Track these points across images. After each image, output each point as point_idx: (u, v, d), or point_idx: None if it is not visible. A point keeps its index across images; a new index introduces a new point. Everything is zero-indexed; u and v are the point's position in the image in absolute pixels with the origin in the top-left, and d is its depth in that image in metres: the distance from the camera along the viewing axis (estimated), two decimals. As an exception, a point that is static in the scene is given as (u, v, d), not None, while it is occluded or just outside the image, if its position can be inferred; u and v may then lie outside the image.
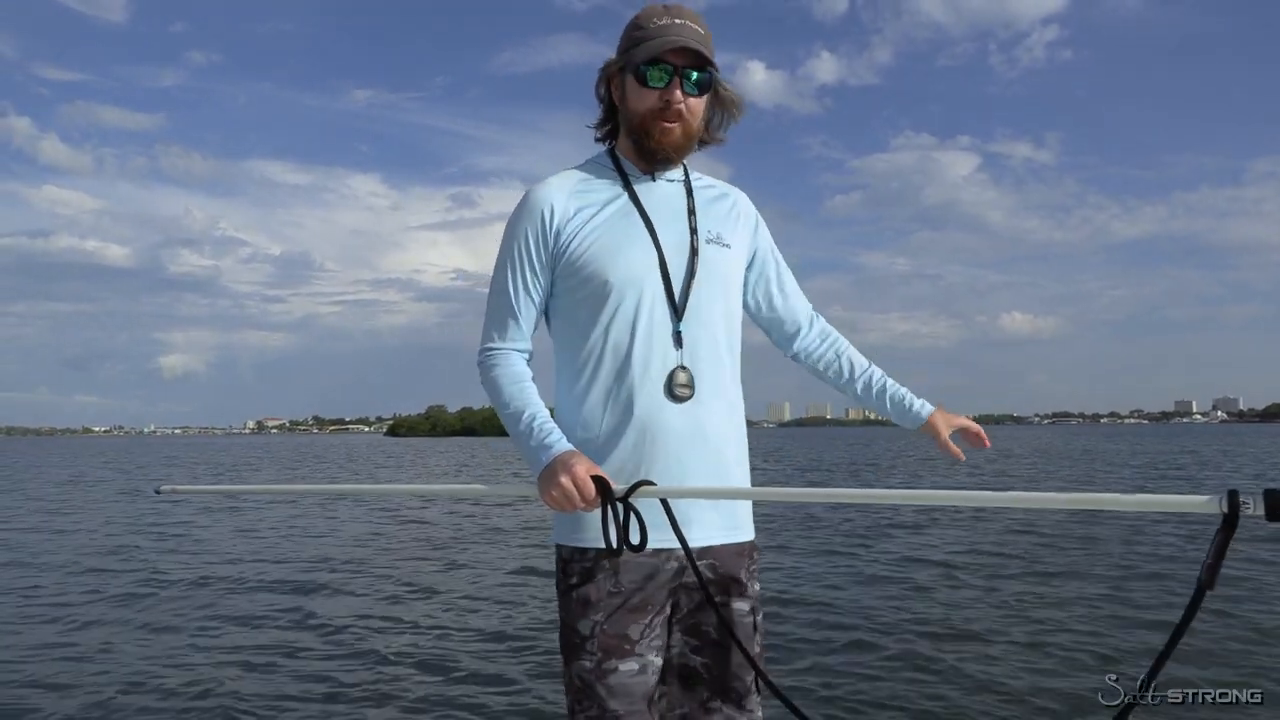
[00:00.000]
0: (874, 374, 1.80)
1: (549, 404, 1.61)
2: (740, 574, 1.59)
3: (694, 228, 1.60)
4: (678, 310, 1.55)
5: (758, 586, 1.64)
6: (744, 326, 1.75)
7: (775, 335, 1.84)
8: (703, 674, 1.56)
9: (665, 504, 1.46)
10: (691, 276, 1.56)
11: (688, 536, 1.49)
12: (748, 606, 1.60)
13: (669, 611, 1.57)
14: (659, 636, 1.55)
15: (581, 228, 1.55)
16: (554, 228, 1.56)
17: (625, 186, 1.60)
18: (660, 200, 1.61)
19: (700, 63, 1.53)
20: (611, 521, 1.41)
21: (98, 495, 17.20)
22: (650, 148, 1.57)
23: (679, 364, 1.53)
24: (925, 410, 1.74)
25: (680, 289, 1.55)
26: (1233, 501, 1.01)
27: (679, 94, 1.52)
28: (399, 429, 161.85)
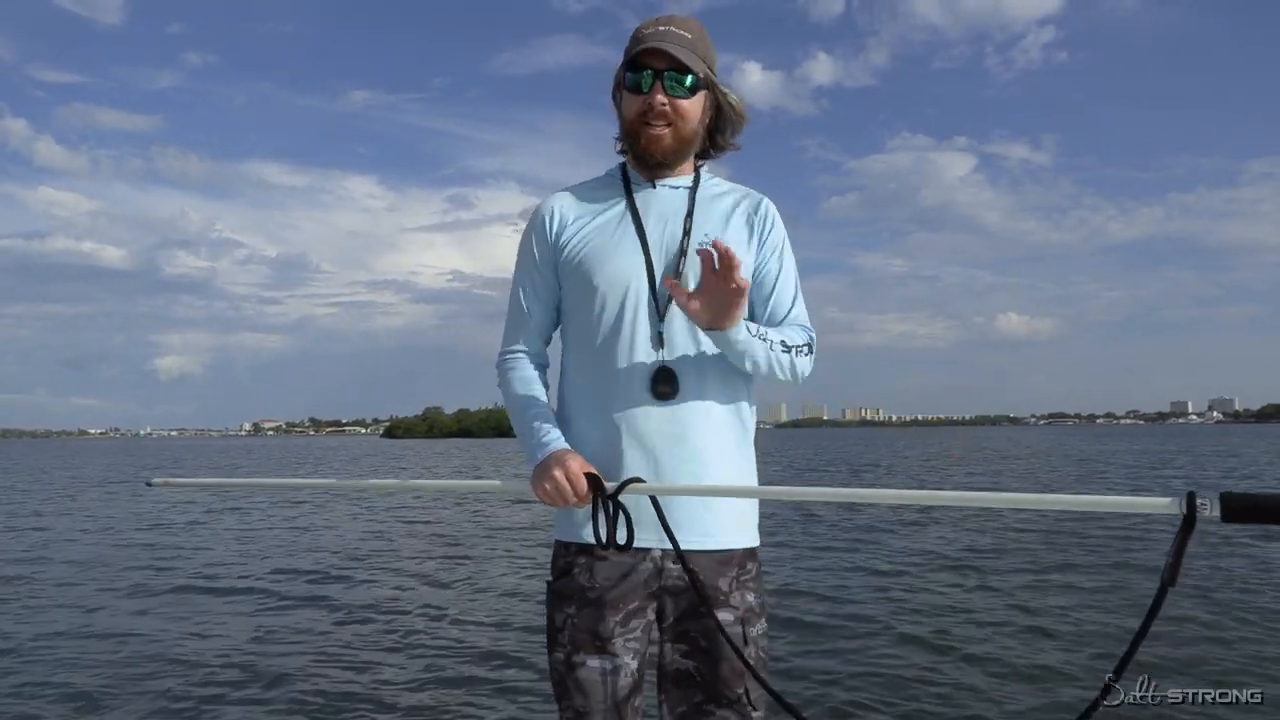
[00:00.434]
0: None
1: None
2: (720, 583, 1.55)
3: (687, 230, 1.59)
4: (660, 311, 1.55)
5: (751, 598, 1.58)
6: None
7: None
8: (696, 677, 1.54)
9: (655, 502, 1.47)
10: (676, 278, 1.55)
11: (663, 539, 1.50)
12: (732, 617, 1.54)
13: (653, 616, 1.57)
14: (637, 639, 1.54)
15: (576, 234, 1.62)
16: (554, 235, 1.63)
17: (626, 194, 1.64)
18: (659, 206, 1.62)
19: (683, 65, 1.53)
20: (605, 518, 1.44)
21: (98, 495, 17.16)
22: (640, 152, 1.59)
23: (661, 364, 1.54)
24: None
25: (664, 291, 1.55)
26: (1191, 503, 1.07)
27: (660, 97, 1.54)
28: (395, 430, 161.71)
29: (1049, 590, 6.44)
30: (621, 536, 1.45)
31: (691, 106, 1.58)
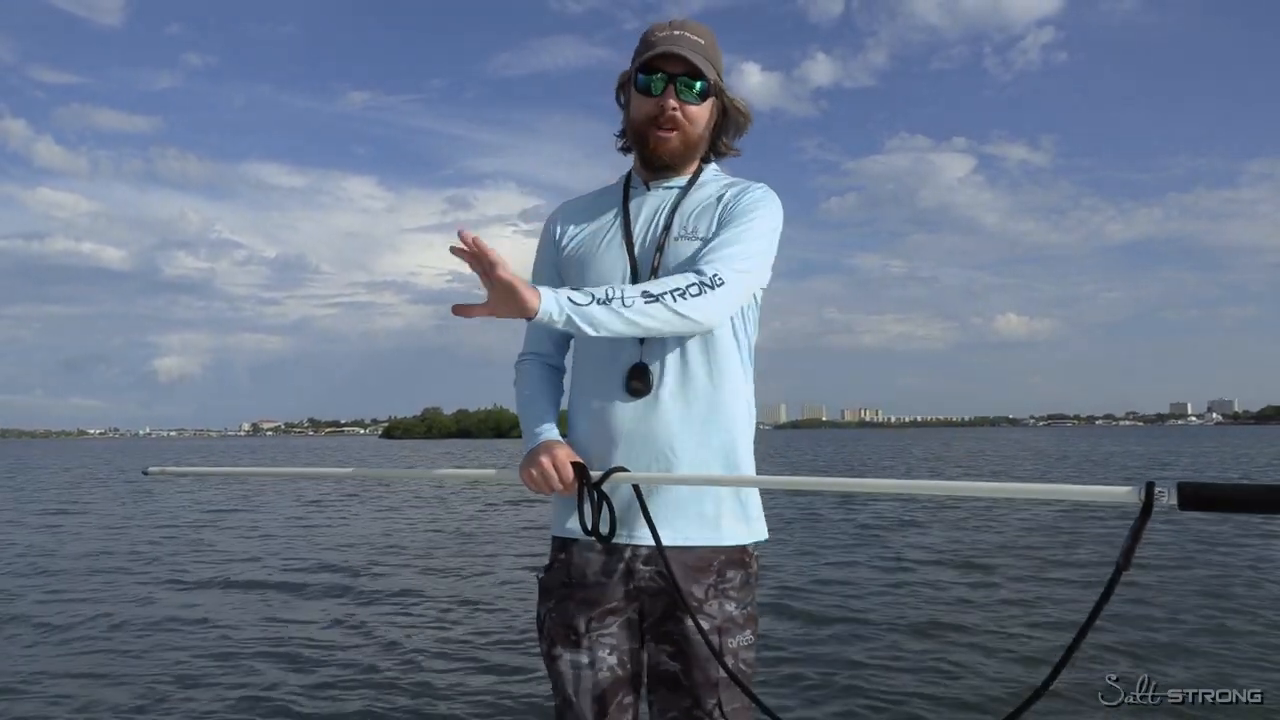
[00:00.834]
0: None
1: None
2: (694, 589, 1.51)
3: (668, 225, 1.60)
4: None
5: (731, 608, 1.53)
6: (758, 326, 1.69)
7: None
8: (682, 680, 1.52)
9: (638, 492, 1.49)
10: (654, 273, 1.56)
11: (633, 537, 1.52)
12: (707, 625, 1.50)
13: (635, 615, 1.56)
14: (614, 636, 1.54)
15: (574, 240, 1.68)
16: (558, 242, 1.70)
17: (623, 198, 1.67)
18: (650, 207, 1.64)
19: (697, 71, 1.55)
20: (591, 507, 1.47)
21: (100, 494, 17.16)
22: (647, 155, 1.61)
23: (639, 359, 1.54)
24: None
25: None
26: (1149, 492, 1.12)
27: (673, 101, 1.56)
28: (394, 431, 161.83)
29: (1048, 586, 6.44)
30: (604, 526, 1.47)
31: (701, 112, 1.60)
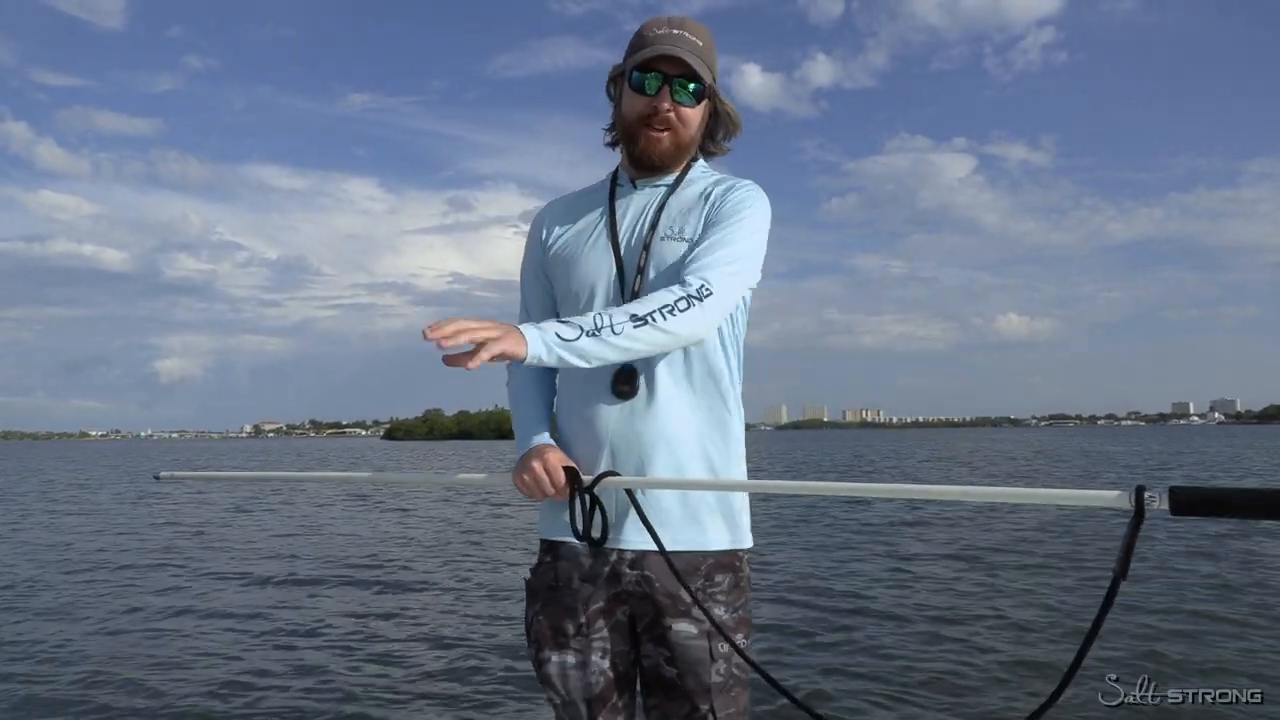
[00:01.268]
0: None
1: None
2: (681, 592, 1.48)
3: (654, 224, 1.58)
4: None
5: (720, 611, 1.50)
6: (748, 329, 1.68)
7: None
8: (679, 685, 1.50)
9: (632, 497, 1.48)
10: (639, 273, 1.54)
11: (618, 540, 1.50)
12: (695, 630, 1.48)
13: (624, 618, 1.54)
14: (605, 639, 1.53)
15: (559, 240, 1.66)
16: (545, 242, 1.68)
17: (609, 197, 1.65)
18: (636, 206, 1.62)
19: (693, 73, 1.52)
20: (582, 511, 1.46)
21: (104, 496, 17.17)
22: (636, 154, 1.59)
23: (625, 362, 1.49)
24: None
25: (629, 288, 1.55)
26: (1139, 497, 1.08)
27: (668, 102, 1.53)
28: (396, 432, 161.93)
29: (1049, 587, 6.43)
30: (596, 531, 1.46)
31: (694, 115, 1.57)
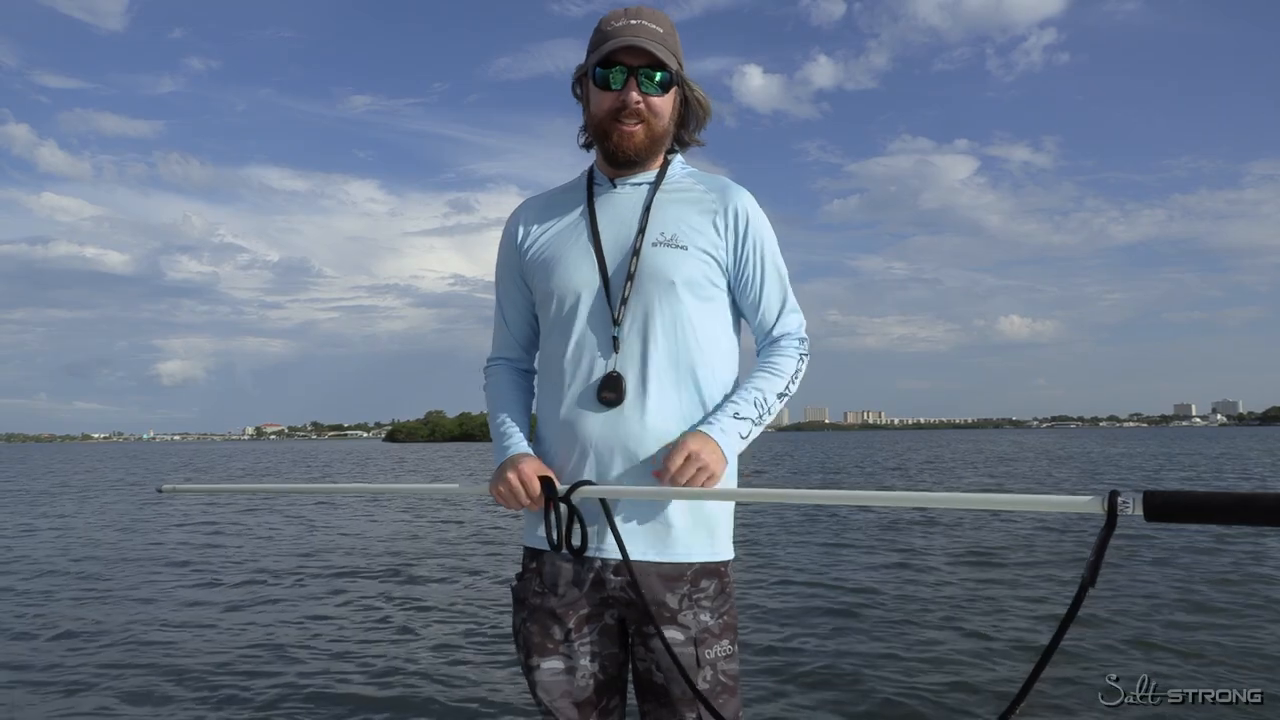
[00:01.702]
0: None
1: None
2: (668, 599, 1.48)
3: (642, 228, 1.53)
4: (615, 316, 1.52)
5: (707, 618, 1.49)
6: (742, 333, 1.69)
7: None
8: (670, 691, 1.50)
9: (605, 505, 1.46)
10: (629, 279, 1.51)
11: (603, 548, 1.49)
12: (683, 637, 1.47)
13: (613, 622, 1.54)
14: (594, 643, 1.52)
15: (537, 242, 1.62)
16: (520, 245, 1.65)
17: (587, 197, 1.61)
18: (617, 206, 1.58)
19: (658, 62, 1.49)
20: (556, 520, 1.46)
21: (111, 499, 17.18)
22: (611, 150, 1.54)
23: (612, 369, 1.49)
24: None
25: (618, 293, 1.52)
26: (1112, 502, 1.05)
27: (635, 95, 1.49)
28: (397, 434, 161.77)
29: (1049, 589, 6.44)
30: (576, 539, 1.45)
31: (664, 104, 1.54)
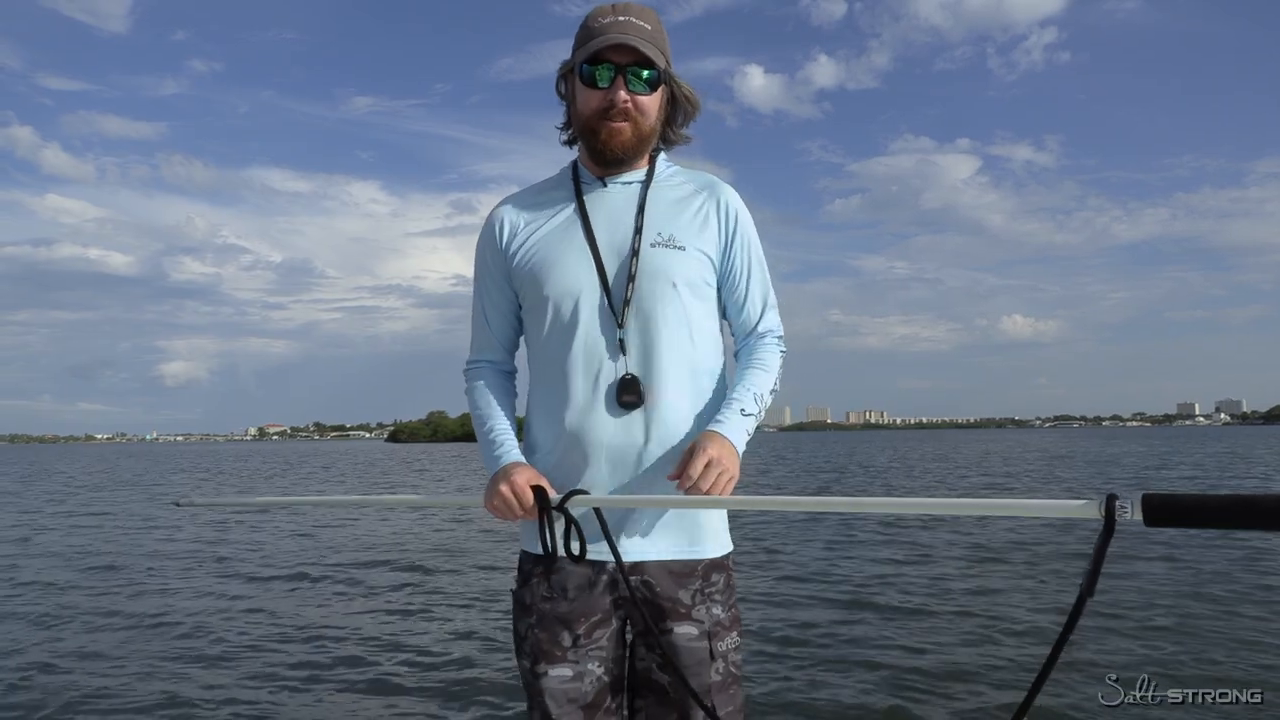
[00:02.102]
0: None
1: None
2: (681, 594, 1.49)
3: (639, 228, 1.52)
4: (619, 318, 1.49)
5: (718, 611, 1.51)
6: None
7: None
8: (671, 693, 1.50)
9: (599, 514, 1.45)
10: (630, 281, 1.49)
11: (619, 550, 1.47)
12: (696, 631, 1.48)
13: (619, 625, 1.53)
14: (602, 648, 1.50)
15: (524, 243, 1.56)
16: (504, 244, 1.58)
17: (575, 196, 1.57)
18: (609, 205, 1.55)
19: (646, 60, 1.46)
20: (547, 529, 1.44)
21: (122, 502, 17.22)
22: (598, 149, 1.51)
23: (625, 372, 1.47)
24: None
25: (620, 295, 1.50)
26: (1109, 506, 0.97)
27: (623, 93, 1.47)
28: (400, 435, 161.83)
29: (1052, 590, 6.44)
30: (569, 548, 1.44)
31: (652, 102, 1.51)
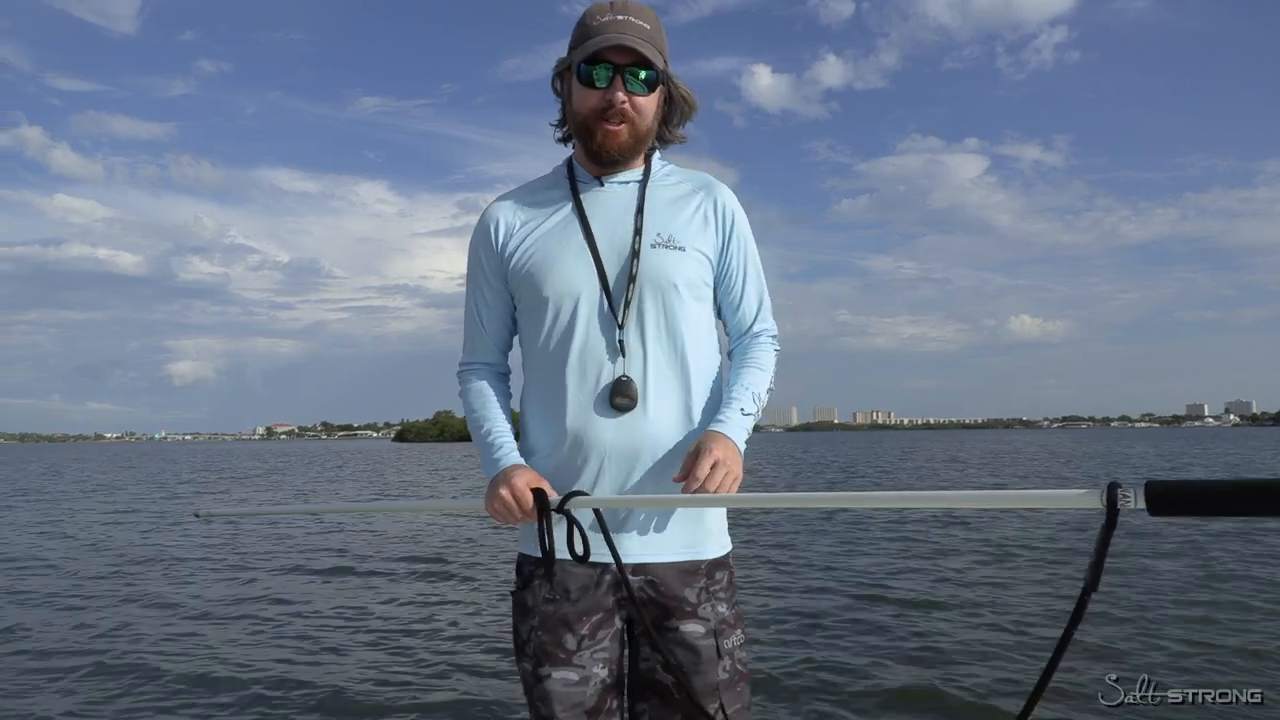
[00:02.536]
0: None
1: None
2: (687, 593, 1.48)
3: (638, 229, 1.51)
4: (618, 319, 1.48)
5: (724, 609, 1.51)
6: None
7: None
8: (674, 693, 1.49)
9: (599, 515, 1.45)
10: (630, 282, 1.48)
11: (622, 551, 1.46)
12: (703, 629, 1.48)
13: (622, 625, 1.53)
14: (605, 649, 1.50)
15: (522, 242, 1.55)
16: (500, 244, 1.57)
17: (572, 195, 1.56)
18: (607, 205, 1.54)
19: (645, 60, 1.45)
20: (546, 531, 1.43)
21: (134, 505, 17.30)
22: (594, 149, 1.50)
23: (621, 374, 1.47)
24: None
25: (620, 296, 1.49)
26: (1112, 495, 0.94)
27: (621, 94, 1.45)
28: (407, 434, 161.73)
29: (1052, 589, 6.44)
30: (573, 549, 1.43)
31: (649, 103, 1.50)
